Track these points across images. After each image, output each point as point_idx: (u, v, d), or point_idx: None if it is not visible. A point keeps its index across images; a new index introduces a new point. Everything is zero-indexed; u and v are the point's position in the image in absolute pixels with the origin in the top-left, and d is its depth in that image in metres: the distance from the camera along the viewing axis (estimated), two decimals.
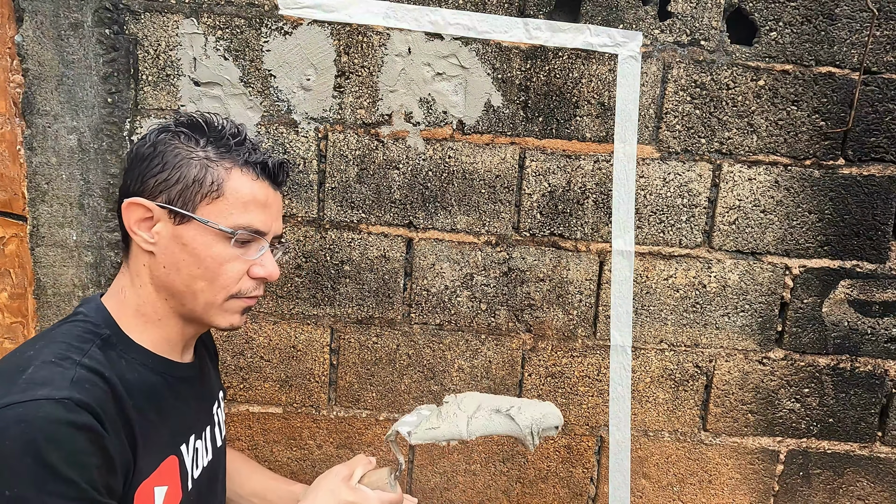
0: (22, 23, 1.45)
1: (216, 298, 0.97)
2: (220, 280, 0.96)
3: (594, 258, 1.58)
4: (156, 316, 0.97)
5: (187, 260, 0.93)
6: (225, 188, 0.94)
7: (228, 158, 0.95)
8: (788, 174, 1.55)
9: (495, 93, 1.50)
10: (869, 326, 1.61)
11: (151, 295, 0.96)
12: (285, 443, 1.67)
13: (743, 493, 1.70)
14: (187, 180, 0.92)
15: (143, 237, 0.93)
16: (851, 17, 1.48)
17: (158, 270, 0.94)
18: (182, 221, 0.93)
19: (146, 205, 0.92)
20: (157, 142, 0.94)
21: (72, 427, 0.76)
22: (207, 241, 0.94)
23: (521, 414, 1.12)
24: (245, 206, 0.95)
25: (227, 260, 0.95)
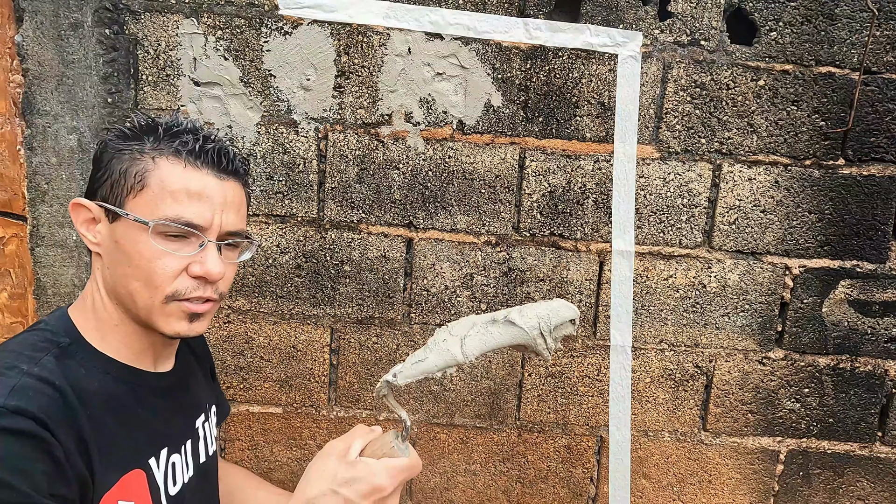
0: (22, 23, 1.45)
1: (153, 300, 0.89)
2: (153, 279, 0.88)
3: (594, 258, 1.58)
4: (112, 322, 0.93)
5: (120, 258, 0.89)
6: (149, 178, 0.88)
7: (157, 149, 0.89)
8: (788, 174, 1.55)
9: (495, 93, 1.50)
10: (869, 326, 1.61)
11: (105, 299, 0.93)
12: (285, 443, 1.67)
13: (743, 493, 1.70)
14: (115, 175, 0.89)
15: (88, 238, 0.91)
16: (851, 17, 1.48)
17: (104, 272, 0.92)
18: (115, 219, 0.89)
19: (84, 204, 0.91)
20: (104, 145, 0.92)
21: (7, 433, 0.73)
22: (133, 237, 0.88)
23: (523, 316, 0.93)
24: (173, 197, 0.87)
25: (156, 256, 0.88)
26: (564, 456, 1.68)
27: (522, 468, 1.69)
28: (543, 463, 1.68)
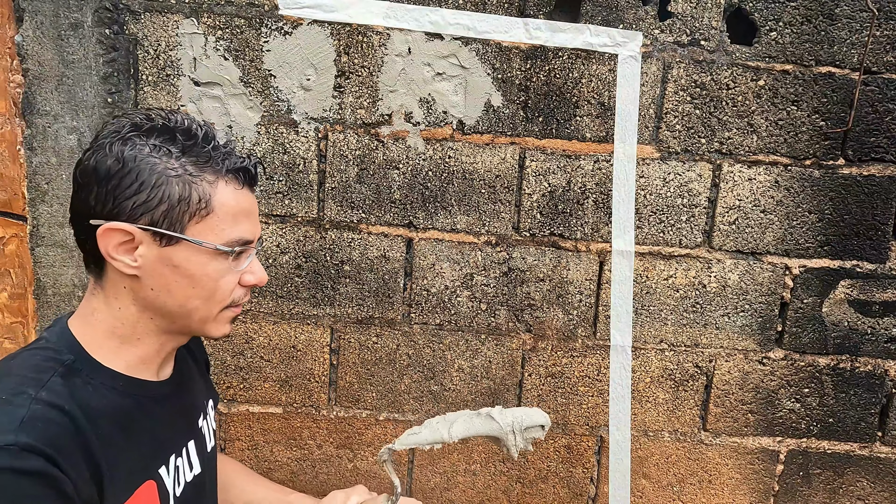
0: (22, 23, 1.45)
1: (212, 313, 0.93)
2: (217, 296, 0.92)
3: (594, 258, 1.58)
4: (135, 336, 0.92)
5: (181, 281, 0.89)
6: (213, 204, 0.88)
7: (209, 170, 0.88)
8: (788, 174, 1.55)
9: (495, 93, 1.50)
10: (869, 326, 1.61)
11: (133, 316, 0.91)
12: (285, 443, 1.67)
13: (743, 493, 1.70)
14: (172, 200, 0.85)
15: (124, 262, 0.87)
16: (851, 17, 1.48)
17: (145, 292, 0.89)
18: (170, 243, 0.87)
19: (127, 229, 0.85)
20: (126, 157, 0.84)
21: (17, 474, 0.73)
22: (202, 261, 0.89)
23: (502, 415, 1.13)
24: (235, 219, 0.90)
25: (222, 275, 0.91)
26: (564, 456, 1.68)
27: (522, 468, 1.69)
28: (543, 463, 1.68)
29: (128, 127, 0.86)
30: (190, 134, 0.88)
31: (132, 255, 0.86)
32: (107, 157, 0.84)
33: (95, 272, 0.90)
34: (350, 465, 1.69)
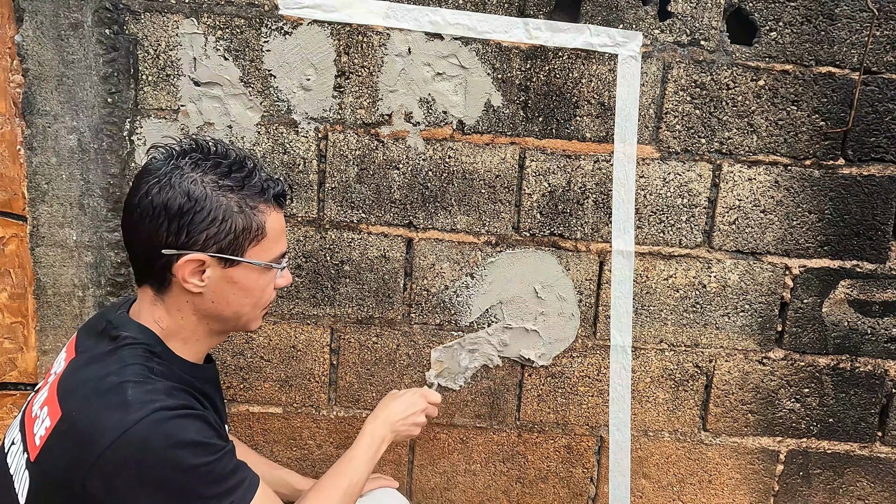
0: (22, 23, 1.45)
1: (256, 315, 1.12)
2: (262, 301, 1.10)
3: (594, 258, 1.58)
4: (194, 338, 1.08)
5: (238, 294, 1.05)
6: (266, 229, 1.05)
7: (262, 200, 1.04)
8: (788, 174, 1.55)
9: (495, 93, 1.50)
10: (869, 326, 1.61)
11: (193, 324, 1.06)
12: (285, 443, 1.67)
13: (743, 493, 1.70)
14: (237, 231, 1.01)
15: (194, 283, 1.01)
16: (851, 17, 1.48)
17: (206, 305, 1.04)
18: (232, 265, 1.03)
19: (203, 258, 1.00)
20: (195, 195, 0.98)
21: (187, 417, 0.94)
22: (255, 276, 1.06)
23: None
24: (278, 238, 1.08)
25: (268, 285, 1.10)
26: (564, 456, 1.68)
27: (522, 468, 1.69)
28: (543, 463, 1.68)
29: (188, 163, 1.00)
30: (242, 168, 1.03)
31: (200, 278, 1.02)
32: (176, 195, 0.98)
33: (156, 288, 1.04)
34: None
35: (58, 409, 0.95)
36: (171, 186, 0.98)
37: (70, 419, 0.93)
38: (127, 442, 0.89)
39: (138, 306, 1.07)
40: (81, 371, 0.99)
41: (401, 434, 1.35)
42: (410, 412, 1.36)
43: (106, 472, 0.89)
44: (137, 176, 1.03)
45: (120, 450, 0.89)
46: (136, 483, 0.90)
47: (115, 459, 0.89)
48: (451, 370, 1.61)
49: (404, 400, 1.38)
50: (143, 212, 0.99)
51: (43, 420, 0.97)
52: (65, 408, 0.95)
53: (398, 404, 1.37)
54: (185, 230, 0.98)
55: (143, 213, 0.99)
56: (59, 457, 0.93)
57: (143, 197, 0.99)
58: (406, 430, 1.36)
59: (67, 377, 1.00)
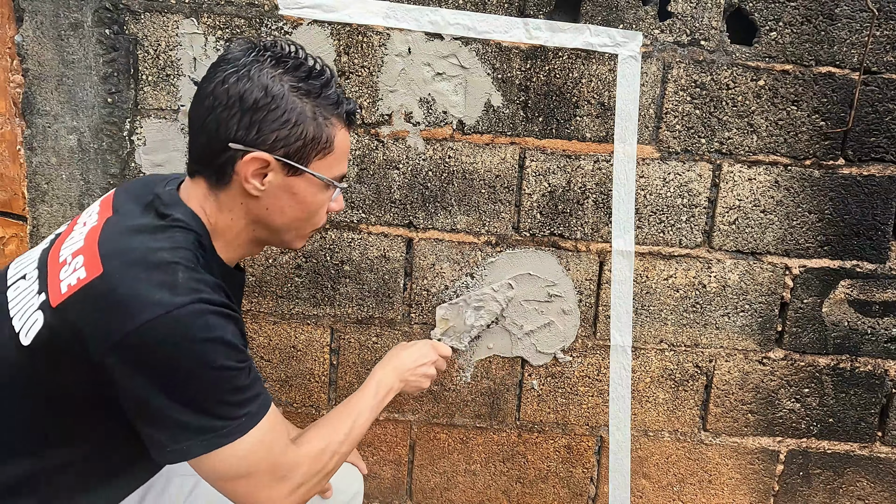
0: (22, 23, 1.45)
1: (305, 232, 1.10)
2: (314, 219, 1.09)
3: (594, 258, 1.58)
4: (237, 242, 1.06)
5: (293, 206, 1.03)
6: (334, 144, 1.02)
7: (335, 114, 1.02)
8: (788, 174, 1.55)
9: (495, 93, 1.50)
10: (869, 326, 1.61)
11: (240, 226, 1.04)
12: None
13: (743, 493, 1.70)
14: (307, 138, 0.99)
15: (254, 185, 0.99)
16: (851, 17, 1.48)
17: (259, 210, 1.02)
18: (295, 174, 1.00)
19: (268, 160, 0.97)
20: (273, 92, 0.95)
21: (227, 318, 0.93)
22: (314, 191, 1.04)
23: None
24: (343, 157, 1.06)
25: (324, 203, 1.08)
26: (564, 456, 1.68)
27: (522, 468, 1.69)
28: (543, 463, 1.68)
29: (269, 59, 0.97)
30: (321, 75, 1.00)
31: (261, 181, 0.99)
32: (253, 88, 0.95)
33: (213, 182, 1.00)
34: None
35: (98, 264, 0.90)
36: (250, 79, 0.95)
37: (111, 281, 0.89)
38: (166, 323, 0.86)
39: (188, 192, 1.03)
40: (127, 237, 0.95)
41: (409, 385, 1.31)
42: (420, 363, 1.32)
43: (133, 348, 0.86)
44: (213, 65, 0.99)
45: (157, 329, 0.86)
46: (160, 368, 0.87)
47: (149, 338, 0.86)
48: (457, 328, 1.59)
49: (415, 350, 1.35)
50: (216, 100, 0.96)
51: (75, 269, 0.92)
52: (107, 267, 0.90)
53: (408, 353, 1.33)
54: (257, 126, 0.96)
55: (217, 101, 0.95)
56: (89, 314, 0.88)
57: (219, 85, 0.95)
58: (415, 381, 1.32)
59: (110, 236, 0.95)
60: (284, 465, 1.01)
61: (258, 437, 0.95)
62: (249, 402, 0.95)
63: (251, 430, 0.95)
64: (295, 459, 1.03)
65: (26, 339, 0.91)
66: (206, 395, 0.90)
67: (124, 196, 1.05)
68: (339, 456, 1.11)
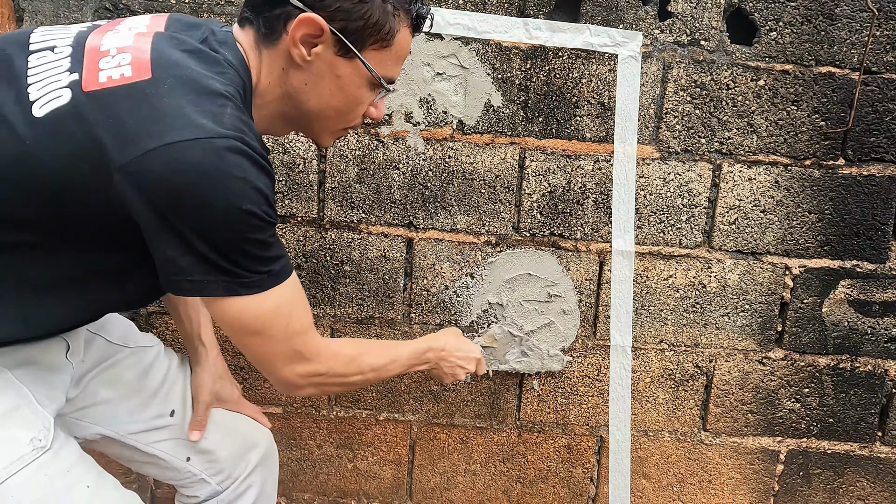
0: (22, 23, 1.45)
1: (336, 126, 1.04)
2: (350, 115, 1.02)
3: (594, 258, 1.58)
4: (265, 109, 0.99)
5: (333, 90, 0.97)
6: (395, 40, 0.96)
7: (404, 10, 0.96)
8: (788, 174, 1.55)
9: (495, 93, 1.50)
10: (869, 326, 1.61)
11: (274, 93, 0.98)
12: (285, 443, 1.67)
13: (743, 493, 1.70)
14: (369, 20, 0.92)
15: (300, 51, 0.92)
16: (851, 17, 1.48)
17: (297, 82, 0.96)
18: (345, 55, 0.94)
19: (323, 27, 0.91)
20: None
21: (264, 169, 0.87)
22: (359, 82, 0.97)
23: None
24: (399, 60, 1.00)
25: (365, 100, 1.01)
26: (564, 456, 1.68)
27: (522, 468, 1.69)
28: (543, 463, 1.68)
29: None
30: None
31: (309, 49, 0.92)
32: None
33: (261, 35, 0.94)
34: (350, 465, 1.69)
35: (147, 67, 0.84)
36: None
37: (157, 88, 0.83)
38: (204, 147, 0.80)
39: (239, 38, 0.96)
40: (180, 54, 0.88)
41: (439, 370, 1.29)
42: (461, 363, 1.30)
43: (164, 162, 0.79)
44: None
45: (194, 150, 0.80)
46: (187, 191, 0.80)
47: (184, 155, 0.79)
48: (496, 353, 1.59)
49: (464, 348, 1.32)
50: None
51: (120, 64, 0.85)
52: (156, 73, 0.84)
53: (458, 346, 1.30)
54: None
55: None
56: (125, 114, 0.82)
57: None
58: (447, 371, 1.29)
59: (162, 47, 0.88)
60: (306, 343, 1.00)
61: (279, 300, 0.93)
62: (272, 261, 0.91)
63: (273, 288, 0.91)
64: (318, 345, 1.02)
65: (40, 111, 0.83)
66: (228, 236, 0.85)
67: (177, 23, 0.97)
68: (363, 378, 1.10)
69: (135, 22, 0.95)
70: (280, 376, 1.02)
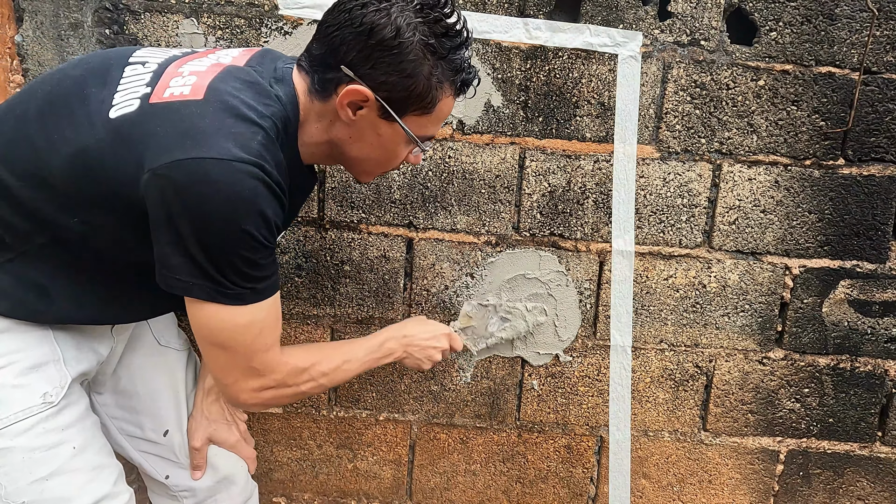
0: (22, 23, 1.45)
1: (374, 171, 1.14)
2: (388, 164, 1.12)
3: (594, 258, 1.58)
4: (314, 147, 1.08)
5: (374, 145, 1.06)
6: (436, 108, 1.04)
7: (450, 80, 1.03)
8: (788, 174, 1.55)
9: (495, 93, 1.50)
10: (869, 326, 1.61)
11: (321, 137, 1.07)
12: (285, 443, 1.67)
13: (743, 493, 1.70)
14: (413, 93, 1.00)
15: (346, 113, 1.01)
16: (851, 17, 1.48)
17: (342, 134, 1.06)
18: (386, 118, 1.02)
19: (369, 95, 0.99)
20: (403, 39, 0.96)
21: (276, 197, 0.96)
22: (398, 140, 1.06)
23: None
24: (439, 121, 1.08)
25: (402, 154, 1.10)
26: (564, 456, 1.68)
27: (522, 468, 1.69)
28: (543, 463, 1.68)
29: (416, 5, 0.98)
30: (457, 36, 1.02)
31: (354, 111, 1.02)
32: (388, 25, 0.96)
33: (315, 90, 1.03)
34: (350, 465, 1.69)
35: (203, 90, 0.95)
36: (388, 15, 0.96)
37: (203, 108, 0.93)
38: (225, 167, 0.90)
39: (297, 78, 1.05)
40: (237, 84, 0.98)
41: (411, 359, 1.32)
42: (430, 343, 1.33)
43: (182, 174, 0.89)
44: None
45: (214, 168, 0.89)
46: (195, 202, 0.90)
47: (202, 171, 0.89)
48: (477, 330, 1.57)
49: (429, 329, 1.36)
50: (350, 20, 0.97)
51: (184, 85, 0.97)
52: (208, 95, 0.95)
53: (422, 329, 1.34)
54: (373, 63, 0.98)
55: (350, 20, 0.97)
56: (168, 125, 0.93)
57: (359, 8, 0.97)
58: (417, 358, 1.33)
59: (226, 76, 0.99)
60: (263, 361, 1.05)
61: (254, 316, 1.00)
62: (258, 280, 0.98)
63: (252, 304, 0.99)
64: (275, 362, 1.06)
65: (114, 113, 0.95)
66: (221, 248, 0.93)
67: (260, 56, 1.08)
68: (315, 384, 1.15)
69: (224, 53, 1.08)
70: (232, 392, 1.08)
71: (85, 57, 1.09)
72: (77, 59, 1.10)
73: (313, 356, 1.16)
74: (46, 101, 1.00)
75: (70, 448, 1.05)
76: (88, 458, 1.07)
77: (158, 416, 1.29)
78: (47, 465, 1.02)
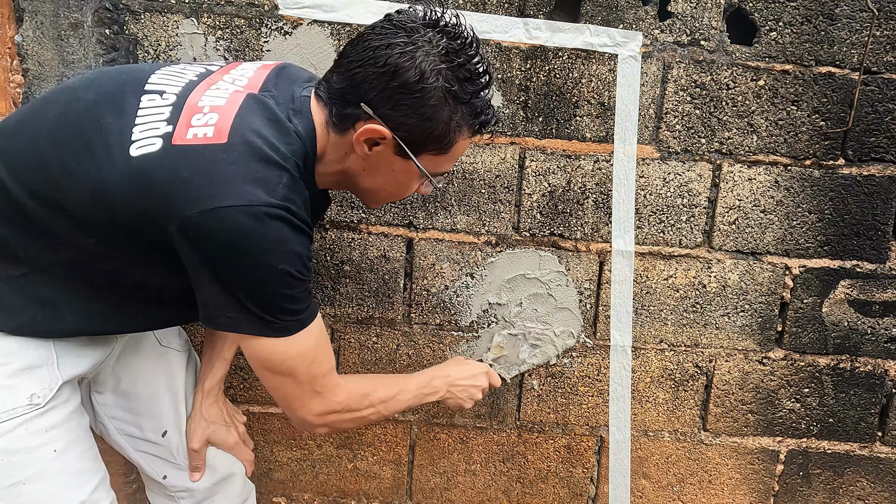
0: (22, 23, 1.45)
1: (384, 200, 1.17)
2: (398, 194, 1.14)
3: (594, 258, 1.58)
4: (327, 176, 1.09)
5: (387, 179, 1.08)
6: (452, 149, 1.05)
7: (469, 123, 1.03)
8: (788, 174, 1.55)
9: (495, 93, 1.50)
10: (869, 326, 1.61)
11: (334, 168, 1.08)
12: (285, 443, 1.67)
13: (743, 493, 1.70)
14: (430, 134, 1.01)
15: (363, 148, 1.02)
16: (851, 17, 1.48)
17: (355, 166, 1.07)
18: (401, 156, 1.03)
19: (386, 135, 0.99)
20: (427, 84, 0.96)
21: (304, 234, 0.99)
22: (412, 175, 1.08)
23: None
24: (453, 160, 1.09)
25: (414, 187, 1.12)
26: (564, 456, 1.68)
27: (522, 468, 1.69)
28: (543, 463, 1.68)
29: (441, 48, 0.97)
30: (477, 83, 1.01)
31: (370, 147, 1.02)
32: (412, 68, 0.96)
33: (332, 122, 1.03)
34: (350, 465, 1.69)
35: (226, 132, 0.95)
36: (413, 58, 0.96)
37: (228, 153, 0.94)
38: (251, 214, 0.91)
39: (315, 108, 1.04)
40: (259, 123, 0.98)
41: (454, 398, 1.37)
42: (471, 383, 1.38)
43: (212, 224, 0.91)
44: (392, 21, 1.00)
45: (241, 215, 0.91)
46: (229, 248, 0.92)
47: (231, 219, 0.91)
48: (509, 358, 1.60)
49: (470, 369, 1.40)
50: (374, 59, 0.97)
51: (207, 122, 0.97)
52: (231, 138, 0.95)
53: (464, 370, 1.39)
54: (394, 104, 0.98)
55: (374, 59, 0.97)
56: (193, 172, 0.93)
57: (384, 48, 0.96)
58: (459, 398, 1.37)
59: (247, 113, 0.98)
60: (324, 384, 1.09)
61: (304, 346, 1.03)
62: (300, 312, 1.02)
63: (299, 332, 1.02)
64: (334, 384, 1.11)
65: (135, 151, 0.94)
66: (263, 290, 0.96)
67: (275, 78, 1.08)
68: (374, 411, 1.19)
69: (240, 73, 1.08)
70: (299, 416, 1.11)
71: (96, 76, 1.07)
72: (88, 76, 1.07)
73: (371, 384, 1.22)
74: (58, 125, 0.99)
75: (51, 451, 1.04)
76: (69, 462, 1.06)
77: (157, 417, 1.29)
78: (25, 470, 1.01)
